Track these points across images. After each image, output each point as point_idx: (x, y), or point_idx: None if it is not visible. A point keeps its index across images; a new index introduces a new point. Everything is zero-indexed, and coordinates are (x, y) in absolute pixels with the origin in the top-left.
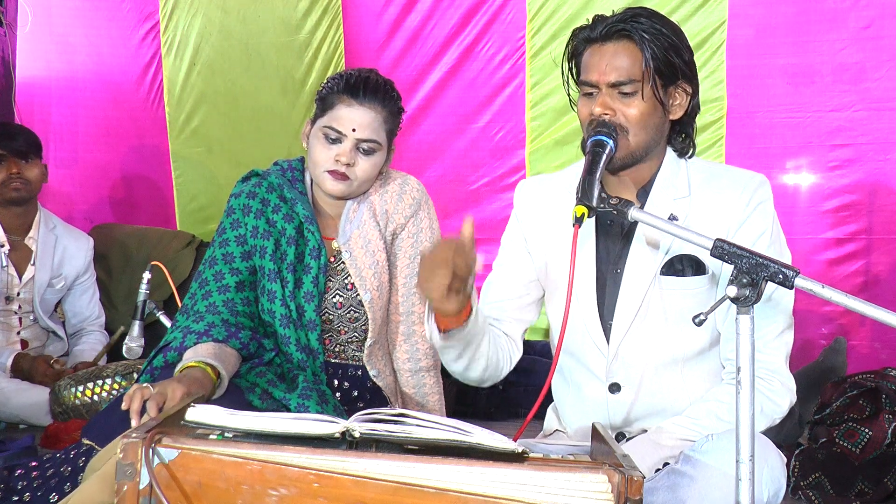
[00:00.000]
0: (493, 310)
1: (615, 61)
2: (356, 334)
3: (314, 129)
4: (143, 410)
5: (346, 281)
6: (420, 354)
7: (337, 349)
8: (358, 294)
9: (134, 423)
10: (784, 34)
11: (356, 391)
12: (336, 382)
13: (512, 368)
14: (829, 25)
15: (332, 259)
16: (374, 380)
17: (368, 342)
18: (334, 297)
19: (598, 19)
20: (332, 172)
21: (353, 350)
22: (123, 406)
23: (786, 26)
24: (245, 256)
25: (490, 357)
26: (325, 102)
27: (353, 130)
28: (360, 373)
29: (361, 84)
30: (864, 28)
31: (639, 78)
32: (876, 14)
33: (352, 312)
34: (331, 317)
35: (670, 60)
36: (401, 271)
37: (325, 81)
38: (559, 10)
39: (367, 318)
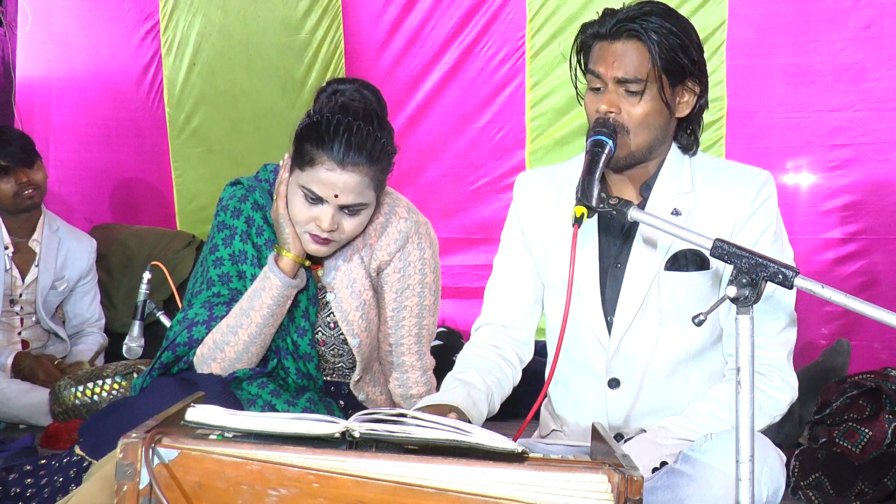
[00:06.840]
0: (500, 316)
1: (623, 59)
2: (344, 363)
3: (292, 178)
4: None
5: (328, 319)
6: (410, 383)
7: (329, 370)
8: (342, 333)
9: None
10: (784, 34)
11: (353, 408)
12: (333, 398)
13: (519, 377)
14: (829, 25)
15: (319, 290)
16: (363, 403)
17: (355, 378)
18: (317, 333)
19: (608, 13)
20: (312, 235)
21: (347, 371)
22: None
23: (786, 26)
24: (240, 276)
25: (497, 403)
26: (303, 153)
27: (336, 196)
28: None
29: (342, 146)
30: (864, 28)
31: (645, 78)
32: (876, 14)
33: (335, 349)
34: (317, 349)
35: (678, 60)
36: (388, 304)
37: (304, 122)
38: (559, 10)
39: (352, 355)
